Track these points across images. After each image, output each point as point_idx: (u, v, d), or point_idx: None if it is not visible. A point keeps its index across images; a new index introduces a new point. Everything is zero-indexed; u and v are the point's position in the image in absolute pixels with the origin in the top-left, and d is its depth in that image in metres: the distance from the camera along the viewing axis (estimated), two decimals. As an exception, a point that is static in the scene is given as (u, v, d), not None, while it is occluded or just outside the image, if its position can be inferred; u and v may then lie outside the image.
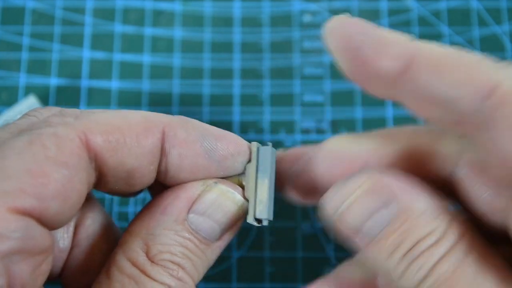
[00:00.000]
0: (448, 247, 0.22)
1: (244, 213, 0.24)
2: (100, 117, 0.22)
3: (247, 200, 0.24)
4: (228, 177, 0.25)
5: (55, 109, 0.24)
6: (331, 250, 0.38)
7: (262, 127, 0.41)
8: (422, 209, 0.23)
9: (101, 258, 0.25)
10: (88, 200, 0.26)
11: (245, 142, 0.25)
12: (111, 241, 0.26)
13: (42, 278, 0.21)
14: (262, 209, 0.24)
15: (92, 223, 0.26)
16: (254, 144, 0.25)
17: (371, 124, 0.41)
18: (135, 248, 0.23)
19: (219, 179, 0.25)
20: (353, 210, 0.23)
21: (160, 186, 0.25)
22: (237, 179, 0.25)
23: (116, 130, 0.22)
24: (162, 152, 0.23)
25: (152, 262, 0.23)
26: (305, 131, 0.41)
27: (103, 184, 0.23)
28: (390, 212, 0.23)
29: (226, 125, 0.41)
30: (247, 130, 0.41)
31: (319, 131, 0.41)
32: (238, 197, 0.24)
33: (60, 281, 0.26)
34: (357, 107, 0.41)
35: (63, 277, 0.26)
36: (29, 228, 0.19)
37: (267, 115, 0.41)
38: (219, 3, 0.44)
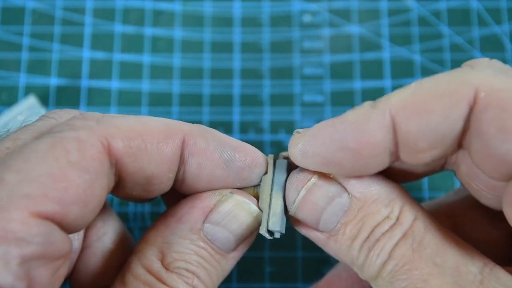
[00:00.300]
0: (404, 230, 0.22)
1: (259, 223, 0.25)
2: (122, 122, 0.22)
3: (261, 210, 0.25)
4: (243, 188, 0.25)
5: (75, 112, 0.24)
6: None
7: (262, 127, 0.41)
8: (374, 197, 0.23)
9: (113, 262, 0.26)
10: None
11: (262, 154, 0.25)
12: (123, 244, 0.26)
13: (59, 282, 0.21)
14: (275, 221, 0.24)
15: (103, 225, 0.26)
16: (271, 157, 0.25)
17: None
18: (150, 256, 0.23)
19: (235, 189, 0.25)
20: (306, 203, 0.24)
21: (175, 193, 0.25)
22: (252, 190, 0.25)
23: (138, 136, 0.22)
24: (181, 160, 0.24)
25: (167, 269, 0.23)
26: (305, 131, 0.41)
27: (121, 189, 0.23)
28: (343, 202, 0.23)
29: (226, 125, 0.41)
30: (247, 130, 0.41)
31: (319, 131, 0.41)
32: (254, 207, 0.24)
33: (68, 282, 0.26)
34: (357, 107, 0.41)
35: (72, 279, 0.26)
36: (51, 233, 0.19)
37: (267, 115, 0.41)
38: (219, 3, 0.44)
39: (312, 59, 0.43)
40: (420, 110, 0.21)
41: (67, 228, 0.20)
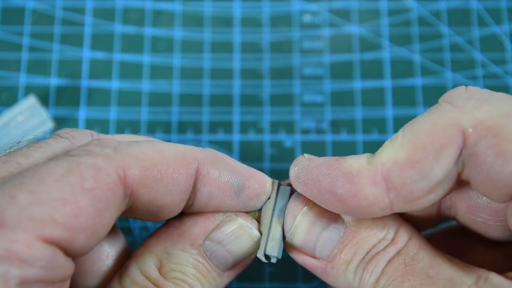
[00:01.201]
0: (398, 248, 0.23)
1: (258, 248, 0.25)
2: (138, 151, 0.22)
3: (261, 234, 0.25)
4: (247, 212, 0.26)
5: (87, 132, 0.24)
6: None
7: (262, 127, 0.41)
8: (369, 221, 0.24)
9: (111, 276, 0.25)
10: None
11: (269, 182, 0.26)
12: (123, 261, 0.26)
13: None
14: (273, 246, 0.25)
15: (108, 246, 0.26)
16: (275, 182, 0.26)
17: (371, 124, 0.41)
18: (149, 262, 0.24)
19: (239, 212, 0.25)
20: (302, 229, 0.24)
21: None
22: (254, 213, 0.26)
23: (154, 167, 0.22)
24: (193, 189, 0.24)
25: (165, 278, 0.23)
26: (305, 131, 0.41)
27: (130, 214, 0.23)
28: (339, 227, 0.24)
29: (226, 125, 0.41)
30: (247, 130, 0.41)
31: (319, 131, 0.41)
32: (256, 232, 0.25)
33: None
34: (357, 107, 0.41)
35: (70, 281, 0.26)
36: (54, 258, 0.19)
37: (267, 115, 0.41)
38: (219, 3, 0.44)
39: (312, 59, 0.43)
40: (411, 161, 0.21)
41: (71, 254, 0.20)
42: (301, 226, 0.24)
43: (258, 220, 0.26)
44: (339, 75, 0.42)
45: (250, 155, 0.41)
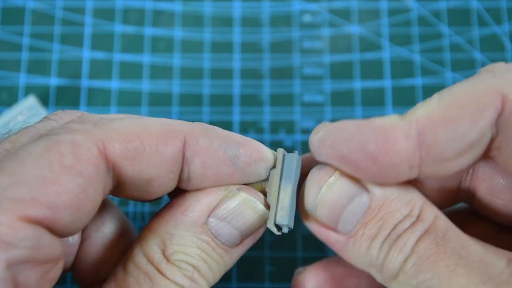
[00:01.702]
0: (426, 227, 0.22)
1: (265, 221, 0.24)
2: (119, 125, 0.22)
3: (268, 206, 0.24)
4: (251, 184, 0.25)
5: (76, 113, 0.24)
6: (331, 250, 0.38)
7: (262, 127, 0.41)
8: (394, 195, 0.23)
9: (114, 251, 0.25)
10: None
11: (267, 149, 0.25)
12: (124, 233, 0.26)
13: (49, 285, 0.21)
14: (283, 215, 0.23)
15: (100, 216, 0.26)
16: (280, 151, 0.25)
17: (371, 124, 0.41)
18: (152, 244, 0.23)
19: (242, 185, 0.24)
20: (327, 201, 0.23)
21: (181, 191, 0.25)
22: (260, 185, 0.25)
23: (136, 139, 0.22)
24: (184, 161, 0.23)
25: (168, 261, 0.23)
26: (305, 131, 0.41)
27: (120, 191, 0.23)
28: (363, 201, 0.23)
29: (226, 125, 0.41)
30: (247, 130, 0.41)
31: (319, 131, 0.41)
32: (260, 206, 0.24)
33: (72, 273, 0.26)
34: (357, 107, 0.41)
35: (75, 269, 0.26)
36: (40, 237, 0.19)
37: (267, 115, 0.41)
38: (219, 3, 0.44)
39: (312, 59, 0.43)
40: (447, 119, 0.21)
41: (58, 233, 0.20)
42: (327, 198, 0.23)
43: (265, 193, 0.25)
44: (339, 75, 0.42)
45: (250, 155, 0.40)
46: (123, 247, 0.26)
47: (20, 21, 0.43)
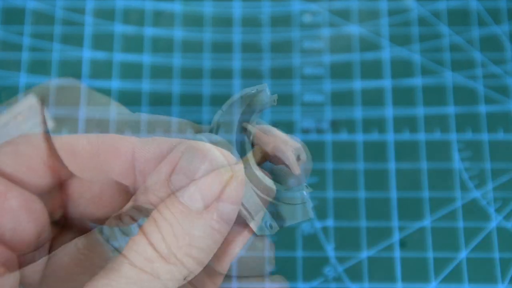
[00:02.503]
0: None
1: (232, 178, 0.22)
2: (66, 140, 0.21)
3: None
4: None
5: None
6: (331, 250, 0.38)
7: (262, 127, 0.41)
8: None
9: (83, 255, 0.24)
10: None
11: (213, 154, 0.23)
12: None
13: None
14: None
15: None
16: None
17: (371, 124, 0.41)
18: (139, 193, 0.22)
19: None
20: None
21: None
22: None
23: (84, 153, 0.21)
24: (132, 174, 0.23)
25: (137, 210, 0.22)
26: (305, 131, 0.41)
27: (72, 209, 0.23)
28: None
29: (226, 125, 0.41)
30: (247, 130, 0.41)
31: (319, 131, 0.41)
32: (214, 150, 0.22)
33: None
34: (357, 107, 0.41)
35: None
36: None
37: (267, 115, 0.41)
38: (219, 3, 0.44)
39: (312, 59, 0.43)
40: None
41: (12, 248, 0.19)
42: None
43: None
44: (339, 75, 0.42)
45: (250, 155, 0.40)
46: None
47: (21, 21, 0.43)
